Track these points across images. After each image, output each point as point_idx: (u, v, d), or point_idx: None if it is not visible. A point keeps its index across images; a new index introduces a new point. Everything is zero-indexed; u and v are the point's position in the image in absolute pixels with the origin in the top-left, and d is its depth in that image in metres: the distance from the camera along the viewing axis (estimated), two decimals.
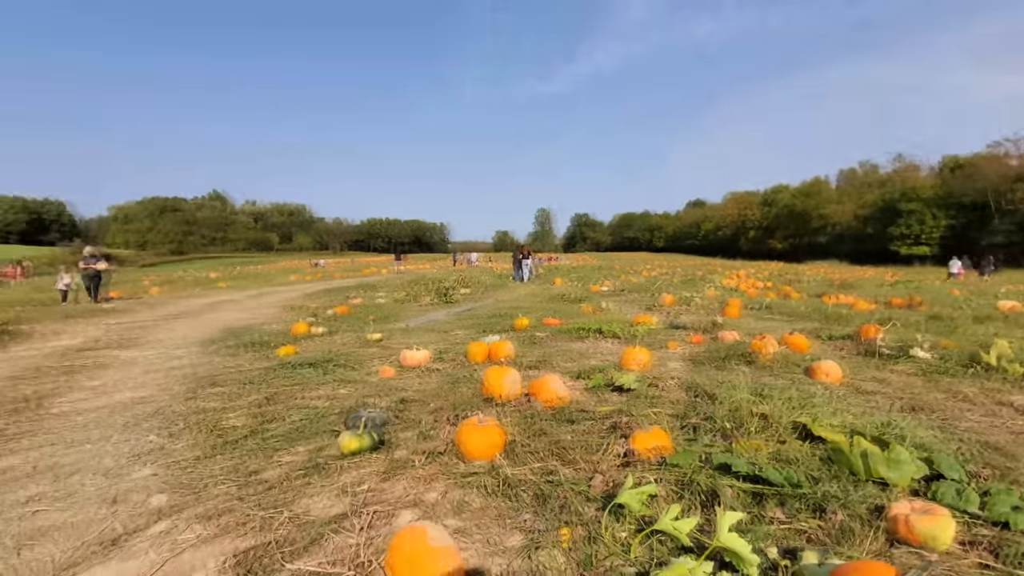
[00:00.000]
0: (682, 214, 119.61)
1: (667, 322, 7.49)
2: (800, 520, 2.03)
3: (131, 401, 3.91)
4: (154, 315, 9.81)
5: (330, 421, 3.23)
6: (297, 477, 2.49)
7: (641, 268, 26.89)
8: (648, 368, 4.46)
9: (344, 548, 1.91)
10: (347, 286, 16.54)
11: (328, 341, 6.14)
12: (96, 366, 5.19)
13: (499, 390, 3.44)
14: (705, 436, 2.80)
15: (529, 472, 2.44)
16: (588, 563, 1.79)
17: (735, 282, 16.12)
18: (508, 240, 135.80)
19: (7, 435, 3.17)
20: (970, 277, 25.29)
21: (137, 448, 2.92)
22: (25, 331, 7.72)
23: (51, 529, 2.10)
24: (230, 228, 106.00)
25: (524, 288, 13.77)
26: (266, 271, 33.40)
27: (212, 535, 2.02)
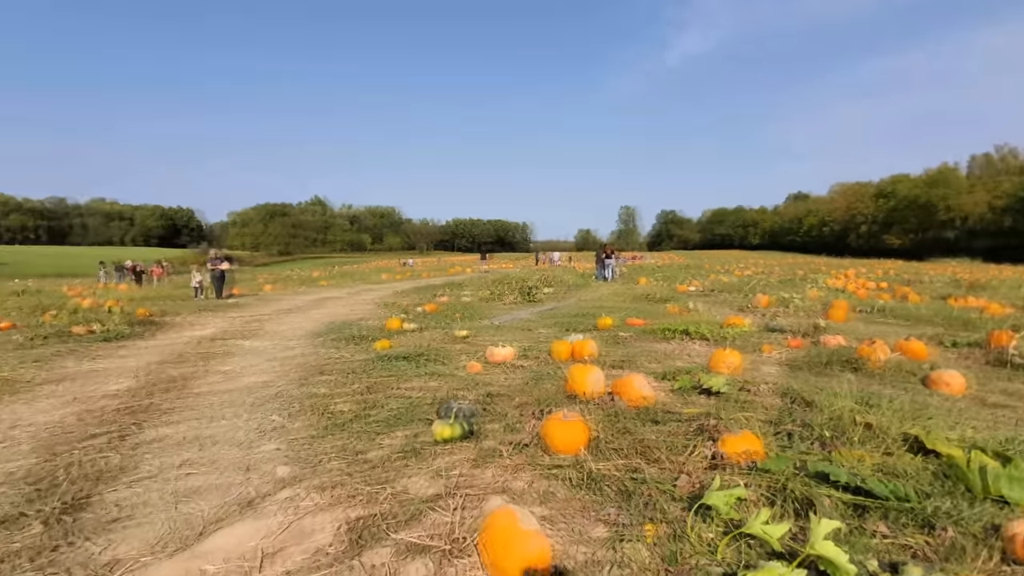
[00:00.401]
0: (781, 209, 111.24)
1: (762, 325, 7.09)
2: (906, 535, 1.91)
3: (255, 385, 4.44)
4: (269, 310, 10.92)
5: (423, 410, 3.46)
6: (396, 459, 2.72)
7: (733, 267, 25.47)
8: (739, 372, 4.29)
9: (440, 524, 2.08)
10: (434, 284, 17.31)
11: (419, 337, 6.52)
12: (225, 354, 5.92)
13: (583, 387, 3.50)
14: (801, 443, 2.68)
15: (613, 468, 2.48)
16: (673, 559, 1.81)
17: (842, 282, 14.82)
18: (590, 239, 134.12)
19: (162, 410, 3.75)
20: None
21: (263, 425, 3.34)
22: (168, 322, 8.95)
23: (200, 489, 2.48)
24: (329, 230, 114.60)
25: (607, 288, 13.62)
26: (360, 270, 35.74)
27: (327, 504, 2.28)
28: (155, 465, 2.74)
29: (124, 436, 3.17)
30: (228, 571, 1.84)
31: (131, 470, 2.68)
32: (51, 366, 5.24)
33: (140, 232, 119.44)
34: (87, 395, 4.17)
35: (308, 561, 1.88)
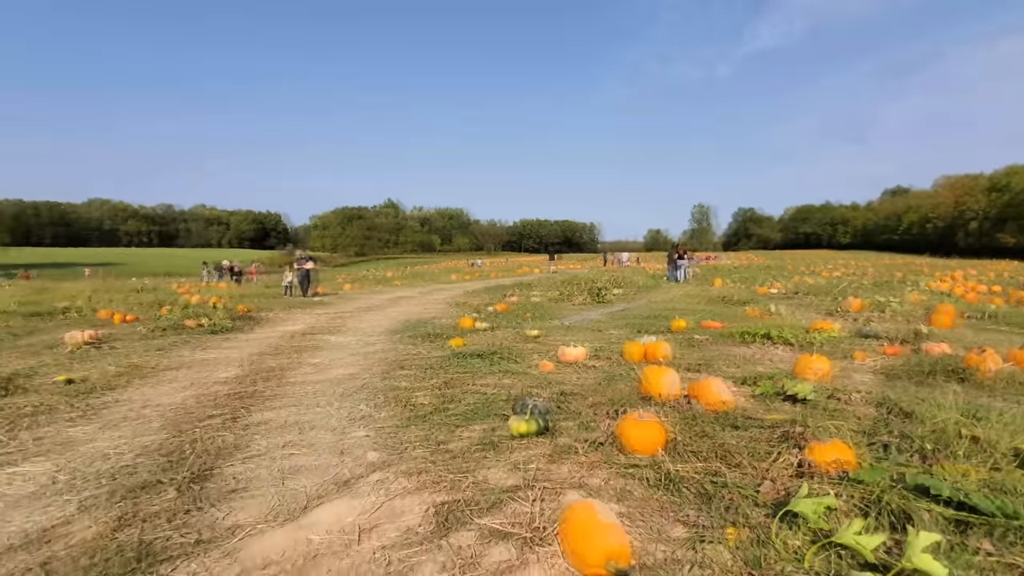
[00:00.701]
0: (876, 205, 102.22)
1: (854, 330, 6.62)
2: (1013, 553, 1.76)
3: (343, 377, 4.77)
4: (350, 307, 11.61)
5: (499, 406, 3.58)
6: (476, 450, 2.84)
7: (820, 268, 23.79)
8: (828, 379, 4.06)
9: (520, 514, 2.17)
10: (503, 285, 17.58)
11: (491, 335, 6.69)
12: (314, 347, 6.40)
13: (657, 389, 3.47)
14: (899, 455, 2.51)
15: (692, 471, 2.46)
16: (756, 564, 1.79)
17: (948, 285, 13.44)
18: (661, 239, 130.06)
19: (265, 396, 4.14)
20: None
21: (353, 414, 3.60)
22: (262, 317, 9.77)
23: (302, 468, 2.73)
24: (401, 232, 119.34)
25: (679, 289, 13.21)
26: (431, 270, 36.95)
27: (415, 488, 2.44)
28: (263, 445, 3.05)
29: (236, 418, 3.54)
30: (331, 541, 2.03)
31: (243, 448, 3.00)
32: (170, 355, 5.91)
33: (235, 235, 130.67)
34: (201, 381, 4.68)
35: (400, 538, 2.03)
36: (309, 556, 1.95)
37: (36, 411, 3.70)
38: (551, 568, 1.82)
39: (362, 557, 1.93)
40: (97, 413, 3.71)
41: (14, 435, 3.22)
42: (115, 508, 2.28)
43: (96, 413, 3.71)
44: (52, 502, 2.37)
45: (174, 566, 1.88)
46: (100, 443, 3.09)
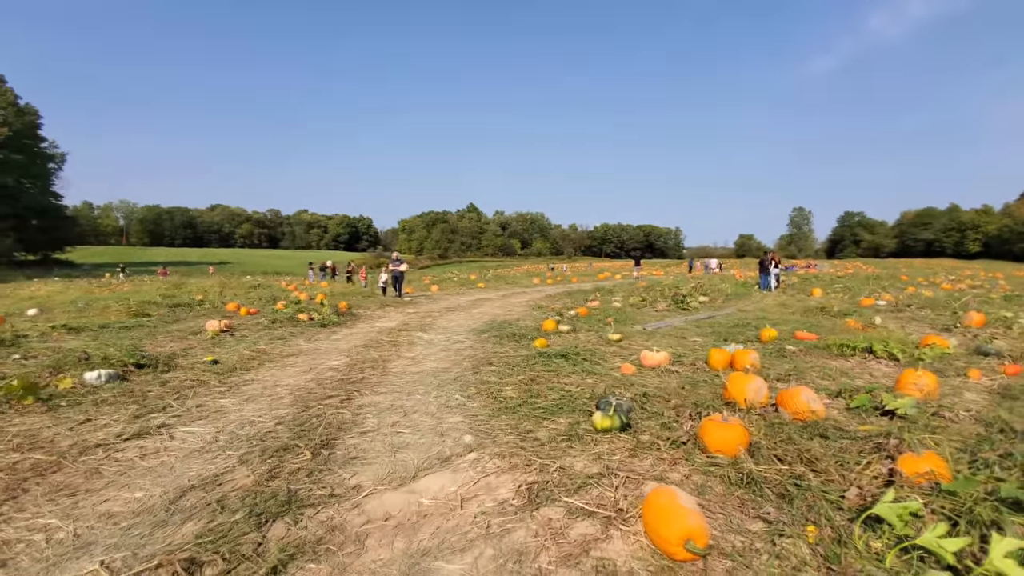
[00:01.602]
0: (1012, 207, 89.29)
1: (971, 347, 6.06)
2: None
3: (436, 369, 5.21)
4: (437, 307, 12.31)
5: (581, 403, 3.79)
6: (561, 440, 3.08)
7: (940, 279, 21.41)
8: (934, 396, 3.84)
9: (603, 497, 2.37)
10: (584, 289, 17.65)
11: (572, 338, 6.89)
12: (409, 343, 6.96)
13: (742, 395, 3.50)
14: (1003, 473, 2.41)
15: (774, 472, 2.52)
16: (836, 560, 1.87)
17: None
18: (752, 244, 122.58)
19: (371, 382, 4.66)
20: None
21: (448, 402, 3.98)
22: (361, 314, 10.67)
23: (408, 444, 3.12)
24: (482, 236, 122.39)
25: (771, 298, 12.57)
26: (512, 274, 37.69)
27: (507, 468, 2.72)
28: (374, 423, 3.50)
29: (350, 399, 4.05)
30: (438, 504, 2.36)
31: (359, 424, 3.47)
32: (289, 343, 6.73)
33: (331, 238, 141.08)
34: (317, 367, 5.33)
35: (496, 508, 2.32)
36: (421, 514, 2.29)
37: (194, 384, 4.47)
38: (633, 543, 2.01)
39: (465, 520, 2.23)
40: (239, 389, 4.40)
41: (182, 402, 3.94)
42: (266, 463, 2.78)
43: (238, 388, 4.40)
44: (218, 455, 2.93)
45: (316, 511, 2.30)
46: (246, 412, 3.71)
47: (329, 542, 2.06)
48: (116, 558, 1.95)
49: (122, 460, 2.89)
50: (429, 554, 1.98)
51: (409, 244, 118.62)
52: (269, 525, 2.18)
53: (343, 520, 2.24)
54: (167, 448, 3.06)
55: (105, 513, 2.31)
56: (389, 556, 1.97)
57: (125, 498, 2.45)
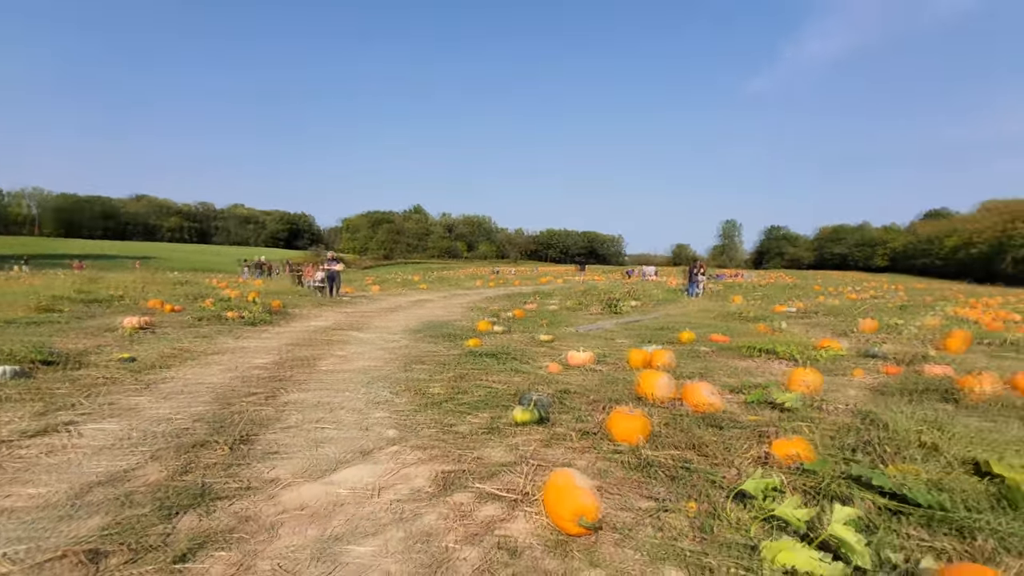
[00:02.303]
0: (916, 226, 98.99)
1: (860, 350, 6.78)
2: (941, 540, 2.05)
3: (367, 367, 5.23)
4: (375, 307, 12.18)
5: (505, 399, 3.96)
6: (480, 433, 3.23)
7: (846, 289, 23.46)
8: (818, 391, 4.31)
9: (513, 483, 2.54)
10: (523, 292, 17.98)
11: (505, 338, 7.08)
12: (342, 341, 6.90)
13: (651, 390, 3.80)
14: (863, 457, 2.80)
15: (667, 457, 2.79)
16: (708, 531, 2.12)
17: (975, 312, 13.21)
18: (686, 253, 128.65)
19: (298, 380, 4.62)
20: None
21: (375, 398, 4.04)
22: (294, 313, 10.40)
23: (331, 439, 3.16)
24: (427, 237, 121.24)
25: (696, 304, 13.38)
26: (455, 276, 37.61)
27: (425, 459, 2.84)
28: (298, 419, 3.51)
29: (274, 396, 4.02)
30: (355, 493, 2.44)
31: (281, 420, 3.46)
32: (214, 341, 6.50)
33: (269, 234, 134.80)
34: (242, 365, 5.20)
35: (410, 495, 2.44)
36: (336, 504, 2.36)
37: (107, 381, 4.27)
38: (534, 522, 2.19)
39: (379, 507, 2.33)
40: (155, 386, 4.25)
41: (92, 399, 3.77)
42: (180, 459, 2.75)
43: (155, 386, 4.25)
44: (129, 452, 2.86)
45: (230, 502, 2.32)
46: (162, 410, 3.60)
47: (241, 531, 2.10)
48: (19, 550, 1.91)
49: (25, 457, 2.76)
50: (341, 539, 2.07)
51: (353, 243, 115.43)
52: (179, 517, 2.19)
53: (257, 511, 2.28)
54: (74, 445, 2.94)
55: (6, 509, 2.22)
56: (301, 542, 2.04)
57: (28, 494, 2.36)
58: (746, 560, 1.89)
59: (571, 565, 1.89)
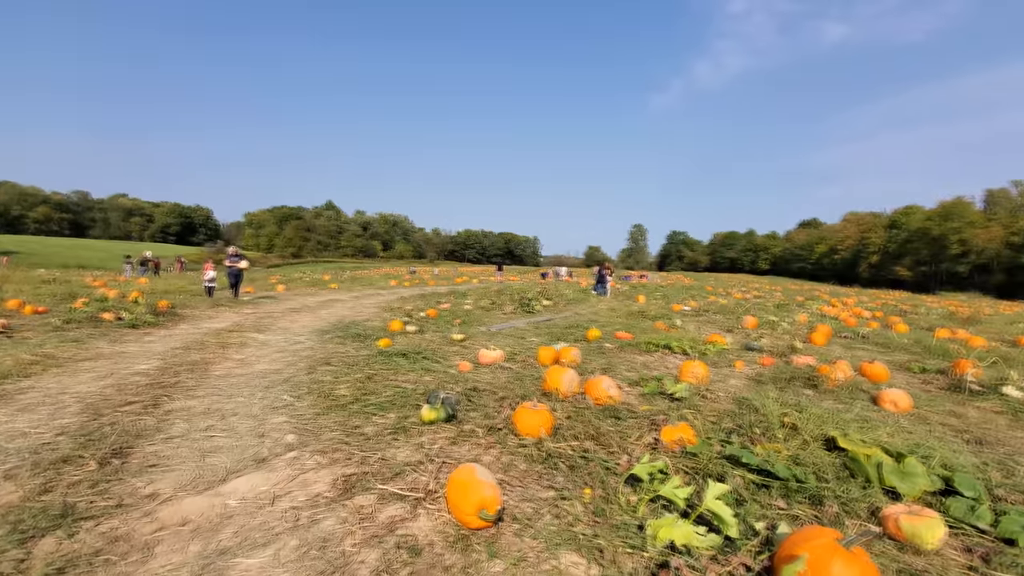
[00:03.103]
0: (792, 234, 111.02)
1: (742, 344, 7.49)
2: (797, 507, 2.34)
3: (267, 371, 4.93)
4: (280, 308, 11.47)
5: (415, 399, 3.92)
6: (387, 434, 3.18)
7: (734, 290, 25.73)
8: (705, 382, 4.71)
9: (418, 481, 2.54)
10: (439, 292, 17.82)
11: (418, 338, 6.99)
12: (240, 344, 6.44)
13: (557, 386, 3.95)
14: (737, 439, 3.11)
15: (568, 448, 2.93)
16: (601, 514, 2.26)
17: (836, 310, 15.09)
18: (598, 255, 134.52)
19: (187, 387, 4.25)
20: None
21: (274, 403, 3.82)
22: (187, 314, 9.52)
23: (222, 448, 2.96)
24: (341, 235, 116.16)
25: (604, 303, 14.03)
26: (370, 275, 36.41)
27: (327, 463, 2.75)
28: (183, 428, 3.24)
29: (156, 405, 3.67)
30: (246, 505, 2.31)
31: (164, 430, 3.18)
32: (87, 346, 5.78)
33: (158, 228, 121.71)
34: (120, 372, 4.69)
35: (308, 501, 2.35)
36: (224, 516, 2.22)
37: None
38: (436, 518, 2.20)
39: (273, 516, 2.23)
40: (12, 398, 3.71)
41: None
42: (39, 477, 2.44)
43: (11, 397, 3.71)
44: None
45: (97, 522, 2.10)
46: (18, 424, 3.16)
47: (109, 553, 1.91)
48: None
49: None
50: (227, 552, 1.95)
51: (257, 240, 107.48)
52: (35, 541, 1.94)
53: (130, 530, 2.09)
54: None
55: None
56: (181, 560, 1.90)
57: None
58: (634, 538, 2.04)
59: (472, 559, 1.93)
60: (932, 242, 69.04)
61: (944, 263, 67.40)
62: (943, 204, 71.81)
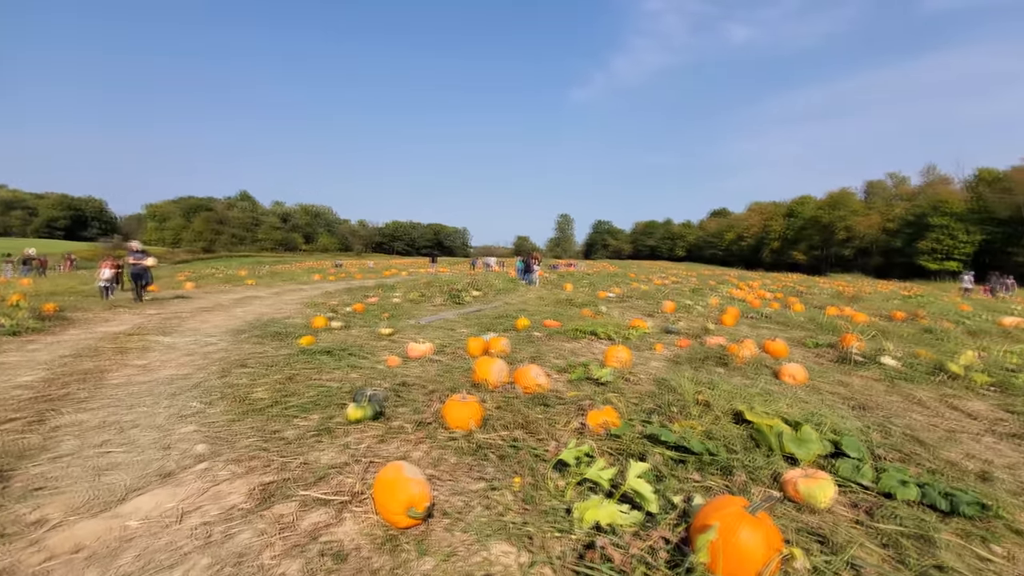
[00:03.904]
0: (704, 223, 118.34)
1: (662, 327, 7.90)
2: (710, 479, 2.51)
3: (174, 377, 4.55)
4: (189, 307, 10.61)
5: (340, 397, 3.79)
6: (310, 436, 3.05)
7: (654, 276, 27.08)
8: (628, 365, 4.92)
9: (344, 484, 2.46)
10: (366, 286, 17.27)
11: (343, 334, 6.75)
12: (142, 348, 5.89)
13: (486, 376, 3.96)
14: (657, 418, 3.28)
15: (498, 438, 2.95)
16: (531, 501, 2.30)
17: (743, 292, 16.31)
18: (527, 245, 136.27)
19: (79, 399, 3.83)
20: (979, 294, 24.67)
21: (182, 411, 3.54)
22: (79, 317, 8.55)
23: (120, 464, 2.70)
24: (258, 228, 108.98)
25: (533, 292, 14.26)
26: (291, 270, 34.59)
27: (243, 472, 2.59)
28: (75, 445, 2.91)
29: (42, 420, 3.27)
30: (150, 525, 2.12)
31: (52, 449, 2.84)
32: None
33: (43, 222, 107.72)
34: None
35: (223, 515, 2.20)
36: (124, 539, 2.03)
37: None
38: (363, 521, 2.14)
39: (181, 534, 2.06)
40: None
41: None
42: None
43: None
44: None
45: None
46: None
47: None
48: None
49: None
50: None
51: (161, 234, 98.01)
52: None
53: (13, 562, 1.85)
54: None
55: None
56: None
57: None
58: (562, 522, 2.09)
59: (401, 559, 1.90)
60: (823, 229, 76.25)
61: (833, 248, 74.76)
62: (831, 195, 79.42)
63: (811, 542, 2.00)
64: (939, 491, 2.37)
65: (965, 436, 3.49)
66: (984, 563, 1.92)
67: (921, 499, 2.36)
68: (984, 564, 1.92)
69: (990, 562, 1.93)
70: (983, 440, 3.42)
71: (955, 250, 55.50)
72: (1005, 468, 2.91)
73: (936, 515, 2.25)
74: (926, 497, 2.36)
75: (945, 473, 2.71)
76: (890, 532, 2.09)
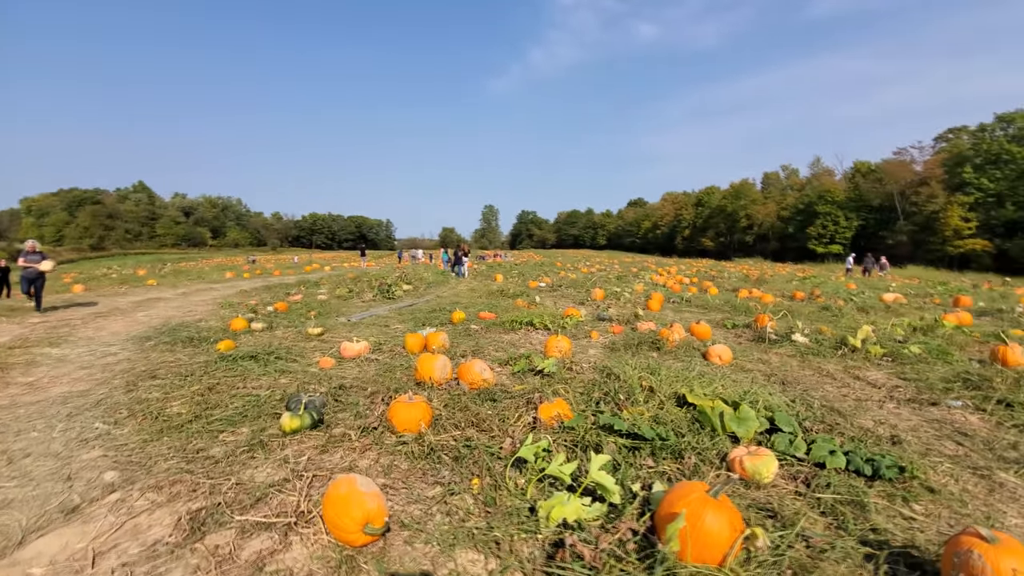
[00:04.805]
0: (623, 212, 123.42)
1: (594, 315, 8.11)
2: (664, 464, 2.57)
3: (70, 394, 3.99)
4: (81, 313, 9.40)
5: (272, 406, 3.50)
6: (241, 453, 2.78)
7: (580, 265, 27.86)
8: (568, 355, 4.98)
9: (287, 503, 2.25)
10: (287, 283, 16.27)
11: (268, 336, 6.28)
12: (28, 363, 5.12)
13: (430, 374, 3.83)
14: (605, 407, 3.33)
15: (450, 439, 2.85)
16: (492, 503, 2.23)
17: (663, 278, 17.19)
18: (453, 237, 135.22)
19: None
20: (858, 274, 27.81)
21: (83, 434, 3.10)
22: None
23: (13, 502, 2.30)
24: (156, 222, 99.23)
25: (464, 284, 14.14)
26: (199, 268, 31.83)
27: (165, 500, 2.30)
28: None
29: None
30: (57, 571, 1.82)
31: None
32: None
33: None
34: None
35: (145, 552, 1.94)
36: None
37: None
38: (313, 543, 1.97)
39: None
40: None
41: None
42: None
43: None
44: None
45: None
46: None
47: None
48: None
49: None
50: None
51: (41, 231, 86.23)
52: None
53: None
54: None
55: None
56: None
57: None
58: (527, 523, 2.05)
59: None
60: (727, 217, 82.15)
61: (736, 235, 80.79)
62: (733, 185, 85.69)
63: (764, 517, 2.10)
64: (862, 457, 2.59)
65: (872, 403, 3.86)
66: (909, 522, 2.12)
67: (848, 466, 2.56)
68: (909, 523, 2.11)
69: (914, 520, 2.13)
70: (886, 406, 3.81)
71: (838, 235, 61.92)
72: (910, 431, 3.24)
73: (862, 480, 2.45)
74: (852, 464, 2.56)
75: (864, 440, 2.97)
76: (828, 500, 2.25)
